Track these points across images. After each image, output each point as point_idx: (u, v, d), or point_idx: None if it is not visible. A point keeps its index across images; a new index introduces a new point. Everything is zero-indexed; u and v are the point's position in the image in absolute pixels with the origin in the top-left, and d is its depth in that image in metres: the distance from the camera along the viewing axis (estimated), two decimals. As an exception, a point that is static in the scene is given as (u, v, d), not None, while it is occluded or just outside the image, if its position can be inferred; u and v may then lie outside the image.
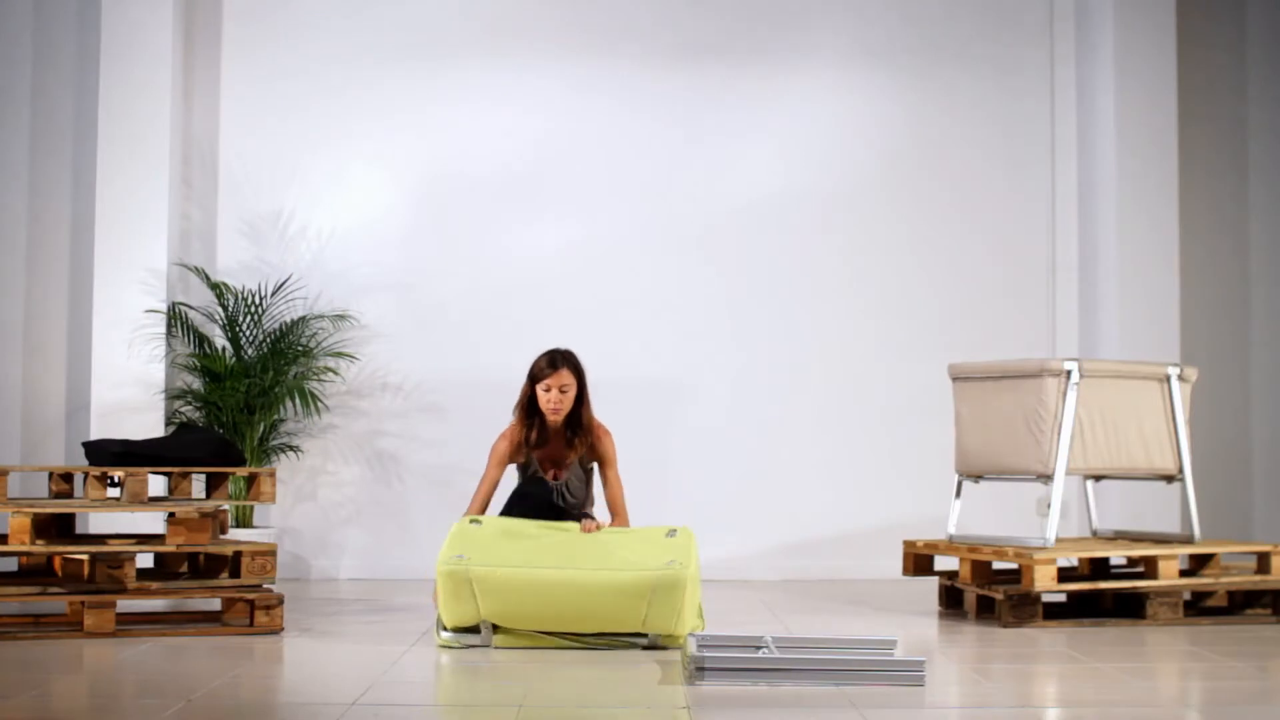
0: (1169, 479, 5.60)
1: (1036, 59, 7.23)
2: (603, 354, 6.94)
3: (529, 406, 4.99)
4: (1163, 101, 7.00)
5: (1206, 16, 7.39)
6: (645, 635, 4.40)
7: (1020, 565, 5.12)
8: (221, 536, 5.09)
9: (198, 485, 5.73)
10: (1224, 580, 5.34)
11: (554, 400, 4.94)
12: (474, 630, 4.43)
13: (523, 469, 5.08)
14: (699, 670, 3.78)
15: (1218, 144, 7.40)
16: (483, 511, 4.98)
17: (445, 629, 4.45)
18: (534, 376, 4.97)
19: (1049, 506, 5.26)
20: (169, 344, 6.59)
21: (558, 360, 4.96)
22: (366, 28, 6.99)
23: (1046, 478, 5.26)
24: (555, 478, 5.01)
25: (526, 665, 4.12)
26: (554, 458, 5.03)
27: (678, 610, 4.37)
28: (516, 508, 4.91)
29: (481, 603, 4.36)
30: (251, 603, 4.75)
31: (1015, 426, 5.32)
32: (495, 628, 4.42)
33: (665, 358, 7.00)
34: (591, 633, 4.41)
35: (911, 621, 5.28)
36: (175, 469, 4.91)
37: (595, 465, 5.10)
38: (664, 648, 4.40)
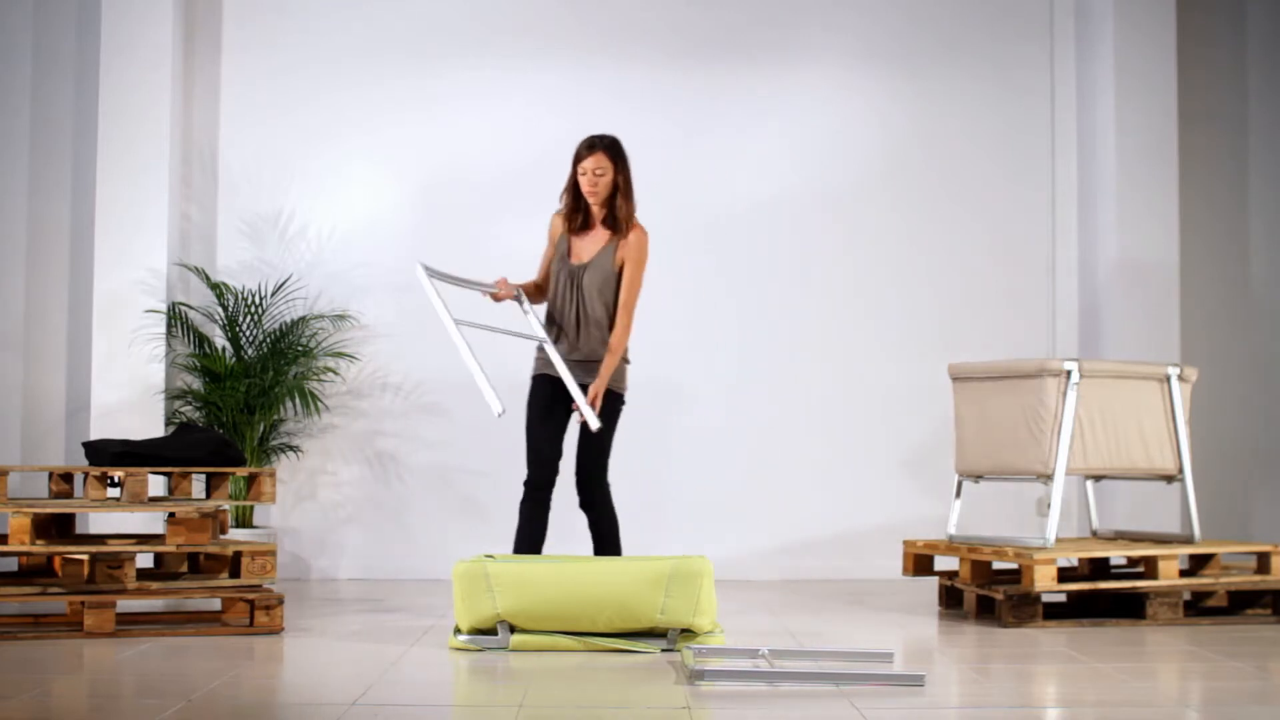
0: (1169, 479, 5.60)
1: (1037, 56, 7.23)
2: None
3: (575, 189, 5.05)
4: (1163, 100, 7.00)
5: (1206, 13, 7.39)
6: (665, 636, 4.39)
7: (1020, 565, 5.12)
8: (221, 536, 5.09)
9: (198, 485, 5.73)
10: (1224, 580, 5.34)
11: (588, 183, 4.99)
12: (490, 633, 4.42)
13: (556, 254, 5.12)
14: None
15: (1218, 143, 7.41)
16: (546, 280, 5.14)
17: (460, 632, 4.44)
18: (575, 159, 5.04)
19: (1049, 506, 5.25)
20: (169, 344, 6.59)
21: (596, 144, 5.01)
22: (367, 27, 6.99)
23: (1046, 478, 5.26)
24: (577, 261, 5.05)
25: (526, 665, 4.12)
26: (588, 244, 5.07)
27: (695, 601, 4.37)
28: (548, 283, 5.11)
29: (499, 599, 4.35)
30: (251, 603, 4.75)
31: (1015, 426, 5.32)
32: (512, 629, 4.40)
33: (665, 357, 6.99)
34: (609, 631, 4.39)
35: (911, 621, 5.28)
36: (175, 469, 4.91)
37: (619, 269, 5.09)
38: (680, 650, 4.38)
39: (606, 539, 5.08)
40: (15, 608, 5.05)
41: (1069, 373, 5.25)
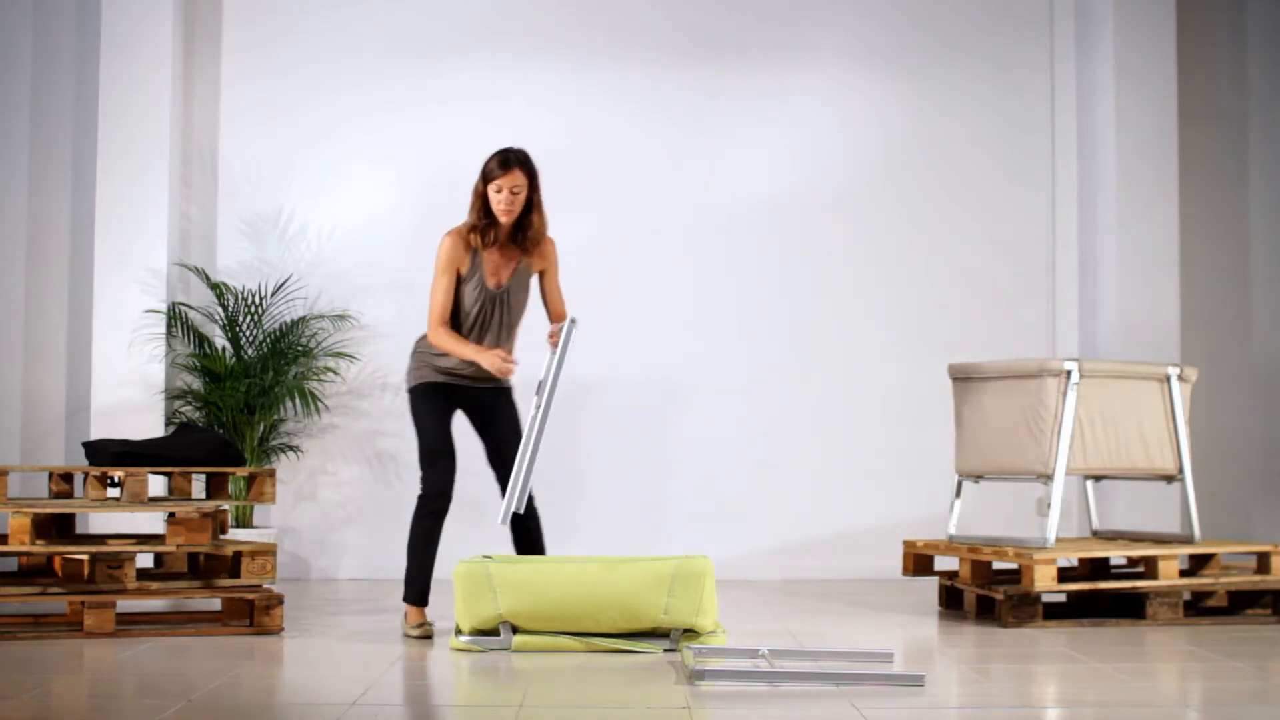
0: (1169, 479, 5.60)
1: (1037, 56, 7.23)
2: (603, 354, 6.97)
3: (484, 207, 4.82)
4: (1163, 99, 7.00)
5: (1206, 13, 7.39)
6: (667, 636, 4.39)
7: (1020, 565, 5.12)
8: (221, 536, 5.09)
9: (198, 485, 5.73)
10: (1224, 580, 5.34)
11: (505, 201, 4.75)
12: (492, 633, 4.41)
13: (467, 276, 4.83)
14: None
15: (1218, 142, 7.40)
16: (445, 321, 4.74)
17: (462, 632, 4.44)
18: (485, 176, 4.81)
19: (1049, 506, 5.25)
20: (169, 344, 6.59)
21: (510, 160, 4.79)
22: (368, 26, 6.99)
23: (1046, 478, 5.26)
24: (498, 286, 4.82)
25: (527, 665, 4.12)
26: (499, 264, 4.84)
27: (698, 601, 4.37)
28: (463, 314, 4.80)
29: (501, 600, 4.35)
30: (251, 603, 4.75)
31: (1015, 426, 5.32)
32: (514, 630, 4.40)
33: (665, 357, 7.00)
34: (612, 632, 4.39)
35: (911, 622, 5.28)
36: (175, 469, 4.91)
37: (538, 276, 4.94)
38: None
39: (540, 543, 4.96)
40: (15, 608, 5.05)
41: (1069, 373, 5.25)
